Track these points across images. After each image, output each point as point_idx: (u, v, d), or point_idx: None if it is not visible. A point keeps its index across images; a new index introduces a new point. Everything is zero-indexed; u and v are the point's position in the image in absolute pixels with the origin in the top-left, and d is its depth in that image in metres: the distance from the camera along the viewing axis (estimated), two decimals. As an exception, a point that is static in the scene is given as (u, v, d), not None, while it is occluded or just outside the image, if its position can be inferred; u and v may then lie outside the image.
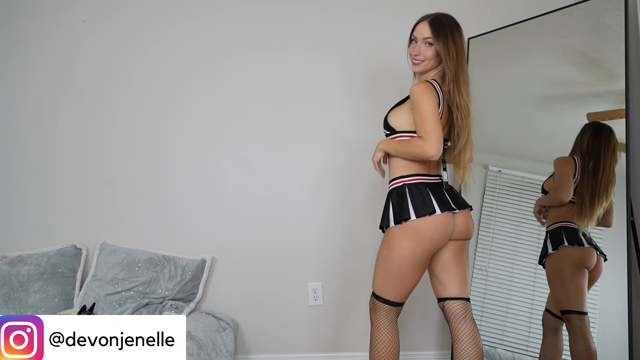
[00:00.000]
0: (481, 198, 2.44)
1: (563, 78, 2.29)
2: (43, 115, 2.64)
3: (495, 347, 2.28)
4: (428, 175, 1.82)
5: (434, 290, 1.87)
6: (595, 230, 2.11)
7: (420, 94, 1.72)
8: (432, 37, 1.79)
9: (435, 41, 1.78)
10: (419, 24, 1.85)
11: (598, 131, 2.10)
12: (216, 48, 2.65)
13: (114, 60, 2.65)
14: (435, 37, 1.78)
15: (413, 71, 1.88)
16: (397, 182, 1.83)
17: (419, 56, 1.81)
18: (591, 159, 2.08)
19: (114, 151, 2.63)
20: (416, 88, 1.73)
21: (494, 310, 2.31)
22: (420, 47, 1.81)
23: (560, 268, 2.08)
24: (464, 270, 1.84)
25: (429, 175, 1.82)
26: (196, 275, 2.50)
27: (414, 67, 1.85)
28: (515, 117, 2.44)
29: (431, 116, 1.69)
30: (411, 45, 1.86)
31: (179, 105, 2.64)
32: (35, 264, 2.43)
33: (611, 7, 2.13)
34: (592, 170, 2.07)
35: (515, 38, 2.46)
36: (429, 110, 1.70)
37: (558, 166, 2.16)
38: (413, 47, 1.84)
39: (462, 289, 1.81)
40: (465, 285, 1.83)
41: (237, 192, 2.64)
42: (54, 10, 2.65)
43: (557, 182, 2.14)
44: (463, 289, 1.81)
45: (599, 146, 2.08)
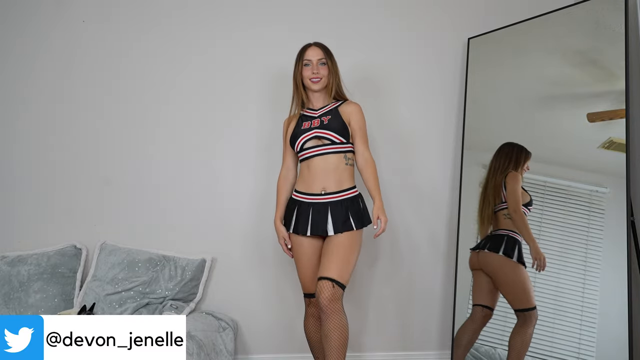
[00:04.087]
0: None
1: (563, 78, 2.29)
2: (43, 115, 2.63)
3: (495, 347, 2.28)
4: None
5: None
6: (595, 229, 2.12)
7: (362, 112, 2.13)
8: (324, 58, 2.12)
9: (328, 60, 2.12)
10: (309, 49, 2.13)
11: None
12: (216, 46, 2.66)
13: (114, 60, 2.65)
14: (327, 57, 2.12)
15: (312, 90, 2.13)
16: (356, 190, 2.11)
17: (319, 74, 2.09)
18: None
19: (114, 151, 2.63)
20: (358, 107, 2.13)
21: (494, 310, 2.31)
22: (318, 67, 2.10)
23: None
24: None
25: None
26: (196, 275, 2.50)
27: (313, 86, 2.11)
28: (515, 117, 2.44)
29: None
30: (305, 69, 2.12)
31: (179, 105, 2.64)
32: (35, 264, 2.43)
33: (611, 7, 2.13)
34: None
35: (515, 38, 2.46)
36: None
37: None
38: (308, 70, 2.11)
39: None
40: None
41: (237, 192, 2.64)
42: (53, 10, 2.65)
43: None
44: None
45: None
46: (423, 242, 2.66)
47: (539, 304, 2.18)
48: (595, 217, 2.13)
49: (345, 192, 2.06)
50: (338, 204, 2.04)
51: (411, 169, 2.67)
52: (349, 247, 2.00)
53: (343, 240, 2.01)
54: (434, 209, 2.67)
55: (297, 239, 2.12)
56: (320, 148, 2.07)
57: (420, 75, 2.68)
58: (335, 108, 2.14)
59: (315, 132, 2.07)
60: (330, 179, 2.06)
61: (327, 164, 2.06)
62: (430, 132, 2.68)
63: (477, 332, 2.32)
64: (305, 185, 2.10)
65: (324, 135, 2.06)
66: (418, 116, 2.68)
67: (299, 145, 2.10)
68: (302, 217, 2.07)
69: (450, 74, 2.69)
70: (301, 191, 2.11)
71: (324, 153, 2.06)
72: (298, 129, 2.13)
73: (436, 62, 2.69)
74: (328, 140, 2.06)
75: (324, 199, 2.05)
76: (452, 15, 2.70)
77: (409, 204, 2.65)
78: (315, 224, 2.04)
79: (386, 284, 2.65)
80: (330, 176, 2.06)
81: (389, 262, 2.65)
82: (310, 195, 2.08)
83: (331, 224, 2.03)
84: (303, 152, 2.10)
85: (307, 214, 2.06)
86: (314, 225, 2.04)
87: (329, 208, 2.04)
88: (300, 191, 2.12)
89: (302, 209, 2.08)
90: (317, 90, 2.13)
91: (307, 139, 2.08)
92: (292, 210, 2.13)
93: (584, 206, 2.16)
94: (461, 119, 2.63)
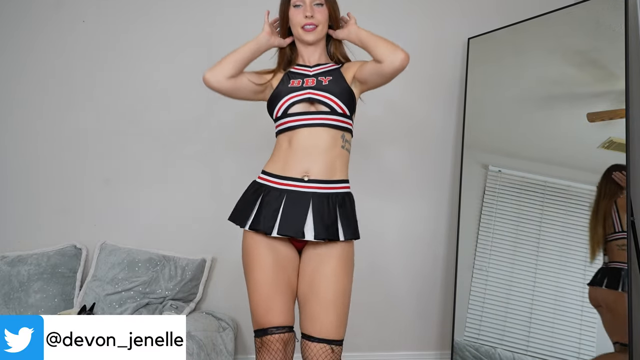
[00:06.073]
0: (481, 198, 2.45)
1: (563, 78, 2.29)
2: (43, 115, 2.63)
3: (495, 347, 2.28)
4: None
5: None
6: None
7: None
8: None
9: (326, 1, 1.57)
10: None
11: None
12: (217, 45, 2.65)
13: (114, 59, 2.65)
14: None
15: (304, 41, 1.59)
16: (349, 186, 1.56)
17: (314, 19, 1.55)
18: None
19: (114, 151, 2.63)
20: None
21: (494, 310, 2.31)
22: (312, 9, 1.55)
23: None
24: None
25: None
26: (196, 275, 2.50)
27: (306, 36, 1.56)
28: (515, 117, 2.44)
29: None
30: (294, 11, 1.57)
31: (179, 105, 2.64)
32: (35, 264, 2.43)
33: (611, 7, 2.13)
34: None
35: (515, 38, 2.46)
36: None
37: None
38: (299, 12, 1.55)
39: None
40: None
41: (237, 192, 2.63)
42: (53, 9, 2.65)
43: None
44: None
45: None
46: (423, 241, 2.66)
47: (539, 304, 2.18)
48: (595, 217, 2.13)
49: (336, 185, 1.50)
50: (324, 198, 1.47)
51: (411, 168, 2.67)
52: (345, 276, 1.46)
53: (335, 265, 1.45)
54: (434, 209, 2.67)
55: (253, 240, 1.49)
56: (312, 117, 1.50)
57: (420, 75, 2.67)
58: (337, 69, 1.61)
59: (310, 92, 1.52)
60: (319, 161, 1.49)
61: (317, 140, 1.49)
62: (430, 132, 2.68)
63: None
64: (279, 166, 1.52)
65: (322, 99, 1.51)
66: (418, 116, 2.68)
67: (281, 109, 1.53)
68: (268, 209, 1.47)
69: (450, 74, 2.69)
70: (271, 172, 1.53)
71: (315, 124, 1.49)
72: (283, 87, 1.57)
73: (436, 62, 2.69)
74: (325, 107, 1.50)
75: (304, 187, 1.47)
76: (452, 15, 2.70)
77: (409, 204, 2.65)
78: (287, 221, 1.45)
79: (386, 284, 2.65)
80: (319, 157, 1.49)
81: (388, 262, 2.65)
82: (285, 180, 1.49)
83: (311, 224, 1.44)
84: (285, 120, 1.52)
85: (276, 205, 1.47)
86: (285, 221, 1.45)
87: (311, 201, 1.46)
88: (270, 172, 1.53)
89: (270, 197, 1.49)
90: (311, 43, 1.59)
91: (294, 101, 1.52)
92: (252, 199, 1.52)
93: (584, 206, 2.16)
94: (461, 118, 2.63)
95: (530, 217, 2.27)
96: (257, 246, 1.49)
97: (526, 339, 2.21)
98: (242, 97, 1.63)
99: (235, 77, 1.56)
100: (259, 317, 1.46)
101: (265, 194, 1.51)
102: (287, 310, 1.46)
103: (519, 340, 2.23)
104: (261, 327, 1.46)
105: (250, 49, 1.58)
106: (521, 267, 2.27)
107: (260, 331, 1.46)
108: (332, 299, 1.43)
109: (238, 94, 1.61)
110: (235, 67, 1.55)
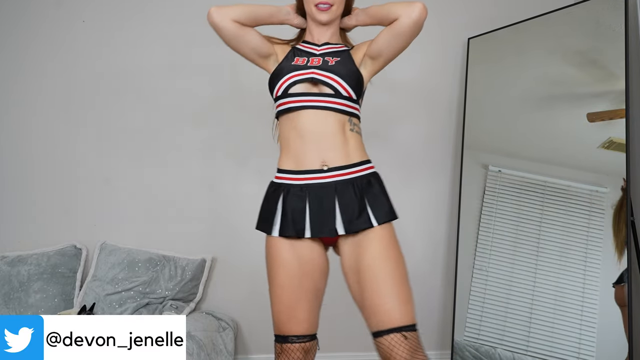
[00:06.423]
0: (481, 198, 2.45)
1: (563, 78, 2.29)
2: (43, 115, 2.63)
3: (495, 347, 2.28)
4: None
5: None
6: (595, 229, 2.12)
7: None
8: None
9: None
10: None
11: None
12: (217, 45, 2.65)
13: (114, 59, 2.64)
14: None
15: (317, 21, 1.48)
16: (372, 166, 1.48)
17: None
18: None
19: (114, 151, 2.63)
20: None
21: (494, 310, 2.31)
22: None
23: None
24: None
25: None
26: (196, 275, 2.50)
27: (320, 15, 1.45)
28: (515, 117, 2.44)
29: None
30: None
31: (179, 105, 2.64)
32: (35, 264, 2.43)
33: (611, 7, 2.13)
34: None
35: (515, 38, 2.46)
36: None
37: None
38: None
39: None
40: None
41: (238, 192, 2.64)
42: (53, 8, 2.65)
43: None
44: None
45: None
46: (423, 241, 2.65)
47: (539, 304, 2.18)
48: (595, 217, 2.13)
49: (357, 168, 1.41)
50: (348, 184, 1.37)
51: (411, 168, 2.67)
52: (390, 259, 1.37)
53: (376, 253, 1.35)
54: (434, 208, 2.67)
55: (276, 245, 1.40)
56: (316, 98, 1.40)
57: (420, 75, 2.68)
58: (346, 51, 1.51)
59: (313, 72, 1.41)
60: (333, 147, 1.39)
61: (324, 126, 1.39)
62: (430, 132, 2.68)
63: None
64: (292, 160, 1.41)
65: (326, 79, 1.40)
66: (418, 116, 2.68)
67: (281, 88, 1.42)
68: (293, 210, 1.37)
69: (450, 74, 2.69)
70: (287, 169, 1.42)
71: (319, 107, 1.39)
72: (286, 63, 1.47)
73: (436, 61, 2.69)
74: (329, 89, 1.40)
75: (325, 178, 1.37)
76: (452, 15, 2.70)
77: (408, 203, 2.65)
78: (317, 219, 1.36)
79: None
80: (331, 143, 1.39)
81: (389, 262, 2.65)
82: (302, 174, 1.39)
83: (340, 217, 1.36)
84: (286, 100, 1.42)
85: (301, 205, 1.37)
86: (315, 221, 1.36)
87: (335, 191, 1.37)
88: (285, 169, 1.43)
89: (292, 197, 1.39)
90: (325, 23, 1.48)
91: (295, 80, 1.41)
92: (274, 202, 1.42)
93: (584, 206, 2.16)
94: (461, 118, 2.63)
95: (530, 217, 2.27)
96: (280, 251, 1.40)
97: (526, 339, 2.21)
98: (242, 51, 1.52)
99: (241, 24, 1.46)
100: (280, 324, 1.39)
101: (285, 193, 1.40)
102: (310, 318, 1.39)
103: (519, 340, 2.23)
104: (282, 334, 1.38)
105: (268, 10, 1.52)
106: (521, 267, 2.27)
107: (281, 337, 1.38)
108: (383, 288, 1.33)
109: (239, 44, 1.49)
110: (245, 15, 1.46)
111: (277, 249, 1.40)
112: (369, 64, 1.48)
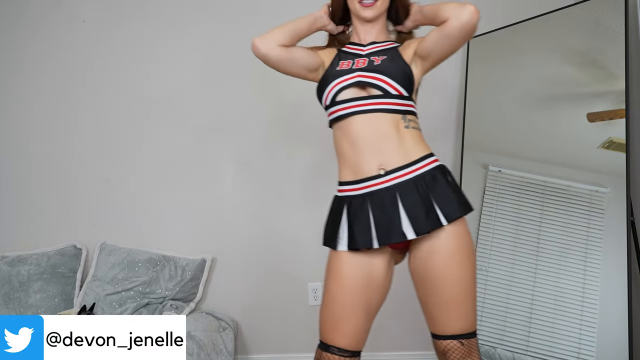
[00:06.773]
0: (481, 198, 2.44)
1: (563, 78, 2.29)
2: (43, 115, 2.63)
3: (495, 347, 2.28)
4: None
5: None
6: (595, 229, 2.12)
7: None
8: None
9: None
10: None
11: None
12: (218, 44, 2.65)
13: (114, 59, 2.65)
14: None
15: (361, 18, 1.43)
16: (436, 160, 1.39)
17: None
18: None
19: (114, 151, 2.63)
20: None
21: (494, 310, 2.31)
22: None
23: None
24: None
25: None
26: (196, 275, 2.50)
27: (364, 12, 1.40)
28: (515, 117, 2.44)
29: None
30: None
31: (179, 105, 2.64)
32: (35, 264, 2.43)
33: (611, 7, 2.13)
34: None
35: (515, 38, 2.46)
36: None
37: None
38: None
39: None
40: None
41: (238, 192, 2.64)
42: (52, 8, 2.65)
43: None
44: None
45: None
46: (423, 242, 2.65)
47: (539, 304, 2.18)
48: (595, 217, 2.13)
49: (418, 165, 1.34)
50: (410, 185, 1.31)
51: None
52: (459, 263, 1.30)
53: (444, 256, 1.30)
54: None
55: (341, 258, 1.35)
56: (365, 102, 1.35)
57: (420, 75, 2.67)
58: (394, 47, 1.45)
59: (359, 75, 1.36)
60: (389, 149, 1.33)
61: (377, 129, 1.34)
62: (430, 132, 2.66)
63: None
64: (350, 171, 1.36)
65: (372, 81, 1.35)
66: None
67: (329, 96, 1.38)
68: (358, 222, 1.32)
69: (450, 74, 2.69)
70: (346, 181, 1.38)
71: (368, 110, 1.34)
72: (332, 70, 1.42)
73: (436, 62, 2.68)
74: (378, 91, 1.35)
75: (384, 183, 1.31)
76: (452, 15, 2.69)
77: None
78: (383, 227, 1.30)
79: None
80: (386, 145, 1.33)
81: (389, 262, 2.65)
82: (361, 183, 1.34)
83: (407, 221, 1.28)
84: (335, 108, 1.37)
85: (364, 215, 1.32)
86: (381, 228, 1.30)
87: (398, 195, 1.30)
88: (345, 181, 1.38)
89: (354, 208, 1.34)
90: (369, 20, 1.43)
91: (342, 86, 1.37)
92: (338, 216, 1.37)
93: (584, 206, 2.16)
94: (461, 118, 2.63)
95: (530, 217, 2.27)
96: (339, 264, 1.36)
97: (526, 339, 2.21)
98: (293, 71, 1.47)
99: (287, 46, 1.42)
100: (325, 331, 1.36)
101: (348, 205, 1.35)
102: (356, 334, 1.35)
103: (519, 340, 2.23)
104: (325, 342, 1.35)
105: (307, 21, 1.47)
106: (521, 267, 2.27)
107: (323, 345, 1.36)
108: (448, 302, 1.31)
109: (289, 66, 1.45)
110: (289, 35, 1.42)
111: (337, 261, 1.37)
112: (419, 62, 1.43)
